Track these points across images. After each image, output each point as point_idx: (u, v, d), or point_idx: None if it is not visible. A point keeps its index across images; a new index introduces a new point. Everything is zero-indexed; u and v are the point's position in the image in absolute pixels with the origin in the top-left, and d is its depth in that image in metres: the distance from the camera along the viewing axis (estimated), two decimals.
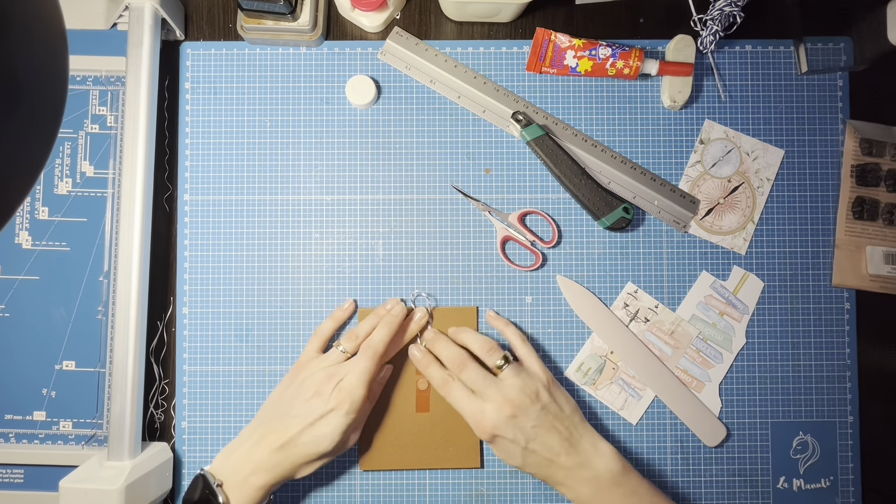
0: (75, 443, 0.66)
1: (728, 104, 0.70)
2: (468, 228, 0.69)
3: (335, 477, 0.67)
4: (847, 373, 0.68)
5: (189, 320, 0.68)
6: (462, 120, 0.69)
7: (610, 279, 0.68)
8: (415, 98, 0.69)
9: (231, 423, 0.67)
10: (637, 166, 0.68)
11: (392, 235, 0.69)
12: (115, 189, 0.67)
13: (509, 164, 0.69)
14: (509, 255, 0.69)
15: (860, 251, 0.68)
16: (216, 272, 0.68)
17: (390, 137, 0.69)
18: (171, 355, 0.68)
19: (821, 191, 0.69)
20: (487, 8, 0.66)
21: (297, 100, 0.70)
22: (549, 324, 0.68)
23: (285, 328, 0.68)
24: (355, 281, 0.68)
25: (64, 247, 0.67)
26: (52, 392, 0.66)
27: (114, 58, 0.67)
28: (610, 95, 0.69)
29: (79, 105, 0.68)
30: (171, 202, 0.70)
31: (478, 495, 0.67)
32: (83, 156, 0.68)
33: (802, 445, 0.67)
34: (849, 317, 0.68)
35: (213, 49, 0.70)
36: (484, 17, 0.69)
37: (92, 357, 0.66)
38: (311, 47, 0.70)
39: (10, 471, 0.66)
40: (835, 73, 0.70)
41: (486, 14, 0.68)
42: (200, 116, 0.69)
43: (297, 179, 0.69)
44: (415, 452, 0.66)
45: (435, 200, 0.69)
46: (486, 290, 0.68)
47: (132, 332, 0.63)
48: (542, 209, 0.69)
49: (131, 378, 0.62)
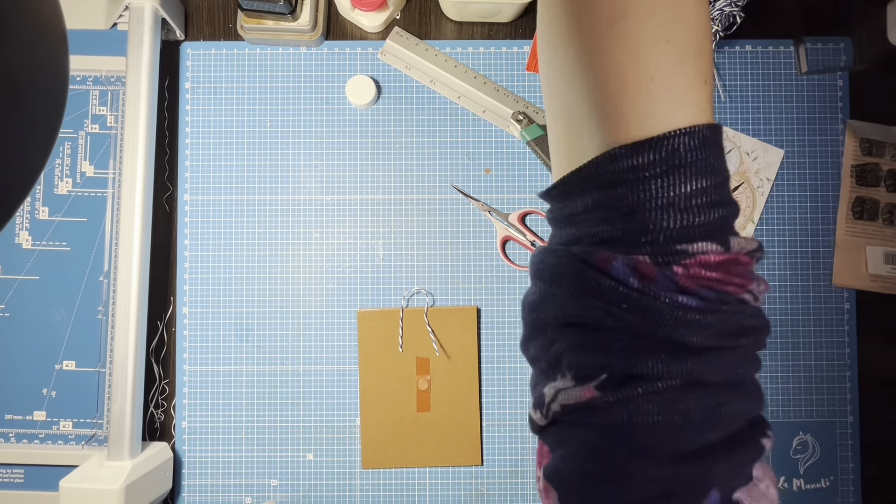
0: (75, 443, 0.66)
1: (728, 104, 0.70)
2: (468, 228, 0.69)
3: (337, 476, 0.67)
4: (847, 373, 0.68)
5: (189, 320, 0.68)
6: (462, 120, 0.69)
7: None
8: (415, 98, 0.69)
9: (231, 422, 0.67)
10: None
11: (392, 235, 0.69)
12: (115, 189, 0.67)
13: (509, 164, 0.69)
14: (509, 255, 0.69)
15: (860, 251, 0.68)
16: (216, 272, 0.69)
17: (390, 137, 0.69)
18: (171, 355, 0.68)
19: (821, 191, 0.69)
20: (487, 8, 0.66)
21: (297, 100, 0.70)
22: None
23: (285, 328, 0.68)
24: (355, 281, 0.68)
25: (64, 247, 0.67)
26: (52, 392, 0.66)
27: (114, 58, 0.67)
28: None
29: (79, 105, 0.68)
30: (171, 202, 0.70)
31: (478, 494, 0.67)
32: (83, 156, 0.68)
33: (802, 445, 0.67)
34: (849, 317, 0.68)
35: (213, 49, 0.70)
36: (484, 18, 0.69)
37: (92, 357, 0.66)
38: (311, 47, 0.70)
39: (10, 471, 0.66)
40: (835, 73, 0.70)
41: (486, 14, 0.68)
42: (200, 116, 0.69)
43: (297, 179, 0.69)
44: (416, 451, 0.66)
45: (435, 200, 0.69)
46: (486, 290, 0.68)
47: (132, 332, 0.63)
48: (542, 209, 0.69)
49: (131, 378, 0.62)
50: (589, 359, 0.29)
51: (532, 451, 0.67)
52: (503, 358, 0.68)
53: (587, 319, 0.29)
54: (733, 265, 0.28)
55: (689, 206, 0.27)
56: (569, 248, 0.30)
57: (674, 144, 0.27)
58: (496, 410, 0.68)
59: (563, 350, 0.30)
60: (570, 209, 0.31)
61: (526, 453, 0.67)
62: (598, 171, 0.29)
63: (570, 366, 0.30)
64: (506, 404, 0.68)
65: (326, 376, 0.68)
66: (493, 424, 0.68)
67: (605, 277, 0.28)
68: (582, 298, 0.29)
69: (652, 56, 0.28)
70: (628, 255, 0.28)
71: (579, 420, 0.29)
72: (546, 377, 0.31)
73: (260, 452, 0.67)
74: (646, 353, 0.28)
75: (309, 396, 0.68)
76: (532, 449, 0.67)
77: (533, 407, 0.32)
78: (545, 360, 0.31)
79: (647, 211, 0.27)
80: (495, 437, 0.68)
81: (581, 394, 0.29)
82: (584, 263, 0.29)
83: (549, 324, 0.31)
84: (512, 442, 0.68)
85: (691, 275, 0.27)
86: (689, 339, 0.27)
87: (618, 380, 0.28)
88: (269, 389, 0.68)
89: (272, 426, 0.68)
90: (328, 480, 0.67)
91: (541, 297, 0.31)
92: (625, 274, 0.27)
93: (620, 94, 0.28)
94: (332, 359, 0.68)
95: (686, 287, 0.27)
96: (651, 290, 0.27)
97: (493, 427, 0.68)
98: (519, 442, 0.68)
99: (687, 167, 0.27)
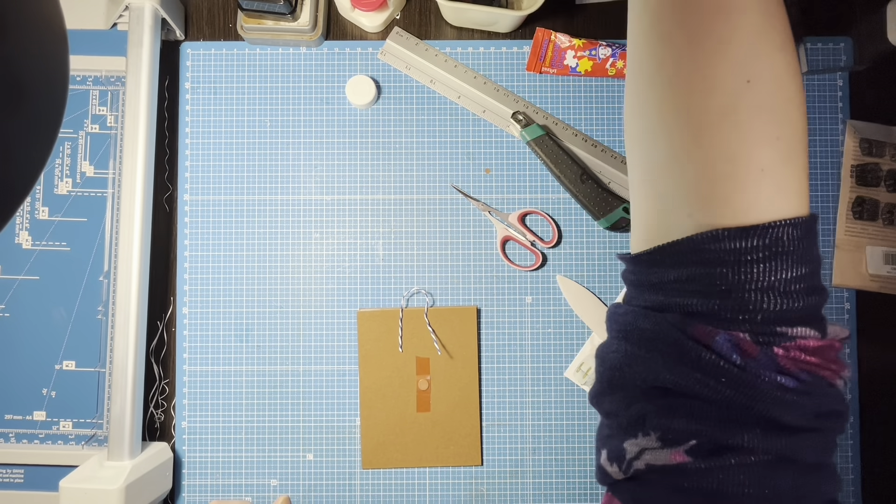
0: (75, 443, 0.66)
1: None
2: (468, 228, 0.69)
3: (337, 476, 0.67)
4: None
5: (189, 320, 0.68)
6: (462, 120, 0.69)
7: (610, 279, 0.68)
8: (415, 98, 0.69)
9: (231, 423, 0.67)
10: None
11: (392, 235, 0.69)
12: (115, 189, 0.67)
13: (509, 164, 0.69)
14: (509, 255, 0.69)
15: (860, 251, 0.68)
16: (216, 272, 0.68)
17: (390, 137, 0.69)
18: (171, 355, 0.68)
19: (821, 191, 0.69)
20: (485, 17, 0.66)
21: (297, 100, 0.70)
22: (549, 324, 0.68)
23: (285, 328, 0.68)
24: (355, 281, 0.68)
25: (64, 247, 0.67)
26: (52, 392, 0.66)
27: (114, 58, 0.67)
28: (610, 95, 0.69)
29: (79, 105, 0.68)
30: (171, 202, 0.70)
31: (478, 494, 0.67)
32: (83, 156, 0.68)
33: None
34: (849, 317, 0.68)
35: (213, 49, 0.70)
36: (481, 26, 0.69)
37: (92, 357, 0.66)
38: (311, 47, 0.70)
39: (10, 471, 0.66)
40: (835, 73, 0.70)
41: (483, 22, 0.68)
42: (200, 116, 0.69)
43: (297, 179, 0.69)
44: (416, 451, 0.66)
45: (435, 200, 0.69)
46: (486, 290, 0.68)
47: (132, 332, 0.63)
48: (542, 209, 0.69)
49: (131, 378, 0.62)
50: (680, 424, 0.30)
51: (532, 451, 0.67)
52: (503, 358, 0.68)
53: (681, 387, 0.30)
54: (829, 350, 0.30)
55: (789, 291, 0.29)
56: (664, 315, 0.32)
57: (778, 233, 0.29)
58: (496, 410, 0.68)
59: (649, 411, 0.31)
60: (659, 277, 0.32)
61: (526, 453, 0.68)
62: (698, 248, 0.30)
63: (657, 427, 0.31)
64: (506, 404, 0.68)
65: (326, 376, 0.68)
66: (493, 424, 0.68)
67: (705, 350, 0.29)
68: (678, 367, 0.30)
69: (764, 150, 0.30)
70: (727, 330, 0.29)
71: (665, 481, 0.30)
72: (624, 433, 0.32)
73: (260, 452, 0.67)
74: (741, 426, 0.29)
75: (309, 396, 0.68)
76: (532, 449, 0.67)
77: (608, 460, 0.33)
78: (624, 416, 0.33)
79: (746, 291, 0.29)
80: (495, 437, 0.68)
81: (670, 457, 0.30)
82: (683, 334, 0.30)
83: (632, 384, 0.33)
84: (512, 442, 0.68)
85: (791, 357, 0.29)
86: (784, 418, 0.29)
87: (709, 448, 0.30)
88: (269, 389, 0.68)
89: (272, 426, 0.68)
90: (328, 480, 0.67)
91: (626, 357, 0.33)
92: (728, 350, 0.29)
93: (729, 181, 0.30)
94: (332, 359, 0.68)
95: (786, 368, 0.29)
96: (752, 367, 0.29)
97: (493, 427, 0.68)
98: (519, 442, 0.68)
99: (789, 255, 0.29)
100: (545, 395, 0.68)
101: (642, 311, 0.32)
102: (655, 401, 0.31)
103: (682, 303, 0.31)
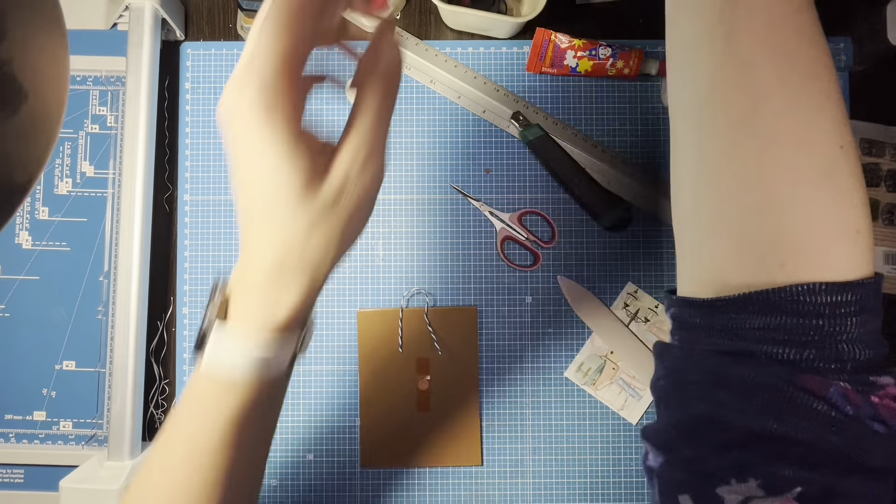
0: (75, 443, 0.66)
1: None
2: (468, 228, 0.69)
3: (336, 476, 0.67)
4: None
5: (189, 320, 0.68)
6: (462, 120, 0.69)
7: (610, 279, 0.68)
8: (415, 98, 0.69)
9: None
10: (637, 166, 0.68)
11: (392, 235, 0.69)
12: (115, 189, 0.67)
13: (509, 164, 0.69)
14: (509, 255, 0.69)
15: None
16: (216, 272, 0.68)
17: (390, 137, 0.69)
18: (171, 355, 0.68)
19: None
20: (482, 21, 0.66)
21: None
22: (549, 324, 0.68)
23: None
24: (355, 281, 0.68)
25: (64, 247, 0.67)
26: (52, 392, 0.66)
27: (114, 58, 0.67)
28: (610, 95, 0.69)
29: (79, 105, 0.68)
30: (171, 202, 0.70)
31: (478, 494, 0.67)
32: (83, 156, 0.68)
33: None
34: None
35: (213, 49, 0.70)
36: (479, 30, 0.69)
37: (92, 357, 0.66)
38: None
39: (10, 471, 0.66)
40: None
41: (481, 27, 0.68)
42: (200, 116, 0.69)
43: None
44: (416, 451, 0.66)
45: (435, 200, 0.69)
46: (486, 290, 0.68)
47: (132, 332, 0.63)
48: (541, 209, 0.69)
49: (131, 378, 0.62)
50: (787, 472, 0.31)
51: (532, 451, 0.67)
52: (503, 358, 0.68)
53: (786, 435, 0.32)
54: None
55: (872, 342, 0.32)
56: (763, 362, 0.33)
57: (867, 290, 0.32)
58: (496, 410, 0.68)
59: (750, 458, 0.32)
60: (738, 323, 0.33)
61: (526, 453, 0.68)
62: (793, 299, 0.32)
63: (758, 475, 0.32)
64: (506, 404, 0.68)
65: (326, 376, 0.68)
66: (493, 424, 0.68)
67: (817, 400, 0.31)
68: (786, 416, 0.32)
69: (859, 213, 0.33)
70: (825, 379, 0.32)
71: None
72: (710, 479, 0.33)
73: None
74: (850, 473, 0.31)
75: (309, 396, 0.68)
76: (532, 449, 0.67)
77: None
78: (713, 462, 0.33)
79: (839, 342, 0.32)
80: (495, 437, 0.68)
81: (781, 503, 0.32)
82: (790, 384, 0.32)
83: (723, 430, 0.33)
84: (512, 442, 0.68)
85: (884, 404, 0.32)
86: (886, 464, 0.31)
87: (815, 496, 0.31)
88: None
89: None
90: (328, 480, 0.67)
91: (718, 405, 0.34)
92: (841, 401, 0.31)
93: (830, 239, 0.33)
94: (332, 359, 0.68)
95: (881, 416, 0.31)
96: (860, 416, 0.31)
97: (493, 427, 0.68)
98: (519, 442, 0.68)
99: (873, 309, 0.33)
100: (545, 395, 0.68)
101: (730, 357, 0.34)
102: (756, 448, 0.32)
103: (767, 350, 0.33)
